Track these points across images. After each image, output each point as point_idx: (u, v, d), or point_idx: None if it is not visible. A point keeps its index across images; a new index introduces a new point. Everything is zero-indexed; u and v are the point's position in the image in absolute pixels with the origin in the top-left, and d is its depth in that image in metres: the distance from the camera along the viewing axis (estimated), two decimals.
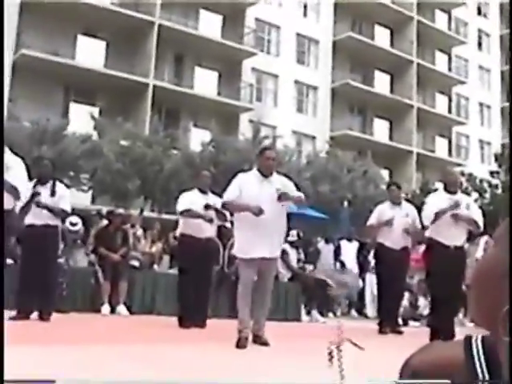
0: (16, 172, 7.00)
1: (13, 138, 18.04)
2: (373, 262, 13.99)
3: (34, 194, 8.36)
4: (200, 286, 9.23)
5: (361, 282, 15.86)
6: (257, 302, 7.07)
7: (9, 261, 9.38)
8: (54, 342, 6.35)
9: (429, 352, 1.55)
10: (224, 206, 7.28)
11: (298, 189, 7.35)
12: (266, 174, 7.11)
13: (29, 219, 8.62)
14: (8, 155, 7.07)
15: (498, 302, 0.92)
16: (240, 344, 6.65)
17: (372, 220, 10.28)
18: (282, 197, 6.87)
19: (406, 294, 13.27)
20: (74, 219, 12.10)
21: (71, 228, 11.89)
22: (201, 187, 9.32)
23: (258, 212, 6.78)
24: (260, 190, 6.97)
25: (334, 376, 1.93)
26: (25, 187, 7.32)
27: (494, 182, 33.54)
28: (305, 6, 41.40)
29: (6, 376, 1.89)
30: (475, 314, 1.02)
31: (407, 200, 11.01)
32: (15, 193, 6.98)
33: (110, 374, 4.35)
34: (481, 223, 8.84)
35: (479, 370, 1.33)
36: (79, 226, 12.25)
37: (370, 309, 15.08)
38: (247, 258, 6.97)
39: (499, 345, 0.96)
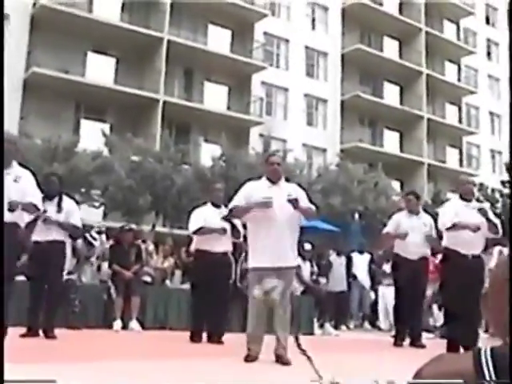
0: (23, 183, 7.00)
1: (24, 155, 18.12)
2: (387, 272, 13.95)
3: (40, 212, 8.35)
4: (217, 301, 9.12)
5: (373, 295, 15.81)
6: (276, 318, 6.80)
7: (21, 278, 9.40)
8: (64, 359, 6.35)
9: (439, 363, 1.54)
10: (231, 211, 7.13)
11: (310, 201, 7.23)
12: (273, 181, 6.99)
13: (35, 236, 8.60)
14: (17, 168, 7.09)
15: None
16: (248, 359, 6.58)
17: (388, 228, 10.08)
18: (292, 201, 6.68)
19: None
20: (94, 234, 12.21)
21: (93, 241, 11.98)
22: (214, 201, 9.25)
23: (267, 205, 6.65)
24: (270, 196, 6.74)
25: None
26: (39, 201, 7.33)
27: (506, 191, 33.46)
28: (313, 19, 41.52)
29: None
30: (490, 321, 1.01)
31: (425, 210, 10.85)
32: (33, 208, 7.00)
33: None
34: (500, 227, 8.66)
35: (488, 381, 1.32)
36: (98, 243, 12.33)
37: (383, 321, 15.03)
38: (259, 268, 6.74)
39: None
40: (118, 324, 10.66)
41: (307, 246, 13.43)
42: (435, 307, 13.85)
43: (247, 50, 36.86)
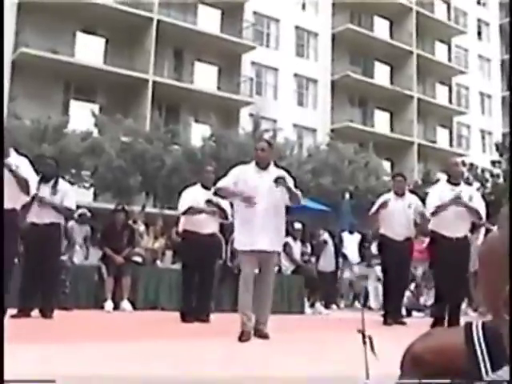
0: (24, 170, 6.99)
1: (14, 136, 18.02)
2: (374, 253, 14.02)
3: (35, 194, 8.34)
4: (204, 282, 9.26)
5: None
6: (258, 296, 7.05)
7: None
8: (57, 340, 6.36)
9: (430, 338, 1.55)
10: (217, 191, 7.26)
11: (296, 186, 7.29)
12: (261, 166, 7.09)
13: (31, 218, 8.62)
14: (14, 155, 7.07)
15: (502, 283, 0.92)
16: (243, 338, 6.64)
17: (374, 209, 10.26)
18: (280, 180, 6.82)
19: (410, 285, 13.28)
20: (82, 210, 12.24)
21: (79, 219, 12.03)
22: (204, 183, 9.28)
23: (250, 201, 6.81)
24: (257, 182, 6.95)
25: (337, 367, 1.93)
26: (34, 184, 7.32)
27: (496, 171, 33.57)
28: None
29: (7, 375, 1.89)
30: (480, 296, 1.02)
31: (411, 191, 10.95)
32: (25, 187, 6.97)
33: (115, 370, 4.35)
34: (483, 214, 8.89)
35: (480, 355, 1.33)
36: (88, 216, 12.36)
37: (373, 301, 15.08)
38: (247, 250, 6.95)
39: (502, 326, 0.95)
40: (109, 305, 10.67)
41: (297, 226, 13.45)
42: (424, 287, 13.92)
43: (237, 30, 36.71)
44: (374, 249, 14.24)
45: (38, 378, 1.15)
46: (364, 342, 1.86)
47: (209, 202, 8.90)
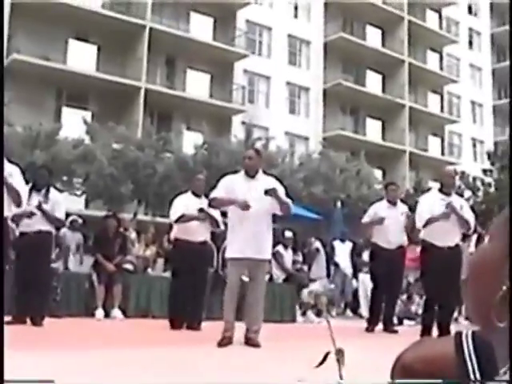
0: (16, 180, 6.99)
1: (5, 143, 17.99)
2: (366, 261, 14.03)
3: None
4: (196, 290, 9.25)
5: (355, 283, 15.87)
6: (249, 305, 7.10)
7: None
8: (48, 347, 6.34)
9: (420, 348, 1.55)
10: (211, 202, 7.32)
11: (288, 194, 7.32)
12: (250, 174, 7.14)
13: (22, 227, 8.63)
14: (6, 164, 7.07)
15: (491, 294, 0.92)
16: (222, 343, 6.72)
17: (366, 218, 10.28)
18: (270, 191, 6.87)
19: (402, 294, 13.29)
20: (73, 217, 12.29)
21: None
22: (195, 191, 9.32)
23: (244, 206, 6.85)
24: (246, 190, 7.00)
25: (329, 375, 1.93)
26: (25, 195, 7.33)
27: (487, 180, 33.64)
28: (295, 7, 41.45)
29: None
30: (469, 307, 1.02)
31: (401, 200, 11.01)
32: (17, 198, 6.96)
33: (106, 378, 4.34)
34: (472, 224, 8.94)
35: (469, 365, 1.33)
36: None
37: (365, 308, 15.08)
38: (235, 258, 7.01)
39: (494, 336, 0.95)
40: (99, 312, 10.65)
41: (288, 234, 13.46)
42: (415, 295, 13.93)
43: (229, 38, 36.77)
44: (365, 257, 14.26)
45: (37, 379, 1.15)
46: (337, 360, 1.85)
47: (201, 210, 8.91)
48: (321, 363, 1.99)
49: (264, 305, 7.30)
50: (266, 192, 6.84)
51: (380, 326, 10.19)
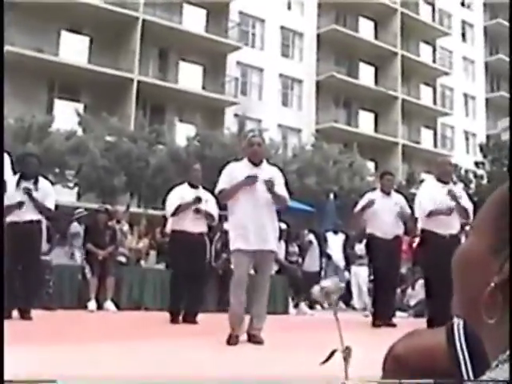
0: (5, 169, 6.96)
1: None
2: (358, 253, 14.04)
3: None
4: (194, 282, 9.19)
5: (347, 275, 15.89)
6: (256, 300, 6.82)
7: None
8: (39, 341, 6.33)
9: (412, 339, 1.56)
10: (219, 196, 7.00)
11: (286, 184, 7.17)
12: (255, 162, 6.85)
13: (11, 216, 8.52)
14: None
15: (479, 291, 0.93)
16: (231, 342, 6.44)
17: (359, 207, 10.17)
18: (267, 183, 6.62)
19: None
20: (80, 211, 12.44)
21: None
22: (191, 181, 9.26)
23: (251, 181, 6.60)
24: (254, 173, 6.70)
25: (322, 367, 1.94)
26: (10, 181, 7.28)
27: (479, 172, 33.74)
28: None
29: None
30: (457, 304, 1.02)
31: (396, 191, 10.89)
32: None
33: (101, 371, 4.34)
34: (471, 213, 8.83)
35: (461, 356, 1.34)
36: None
37: (357, 300, 15.11)
38: (242, 250, 6.64)
39: (484, 332, 0.96)
40: (92, 304, 10.66)
41: (282, 226, 13.45)
42: (409, 287, 13.96)
43: (222, 30, 36.67)
44: (358, 249, 14.25)
45: (39, 379, 1.15)
46: (344, 359, 1.86)
47: (197, 199, 8.86)
48: (326, 360, 1.99)
49: None
50: (266, 183, 6.60)
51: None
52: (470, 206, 8.86)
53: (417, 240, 10.49)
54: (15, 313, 8.47)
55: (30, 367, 4.14)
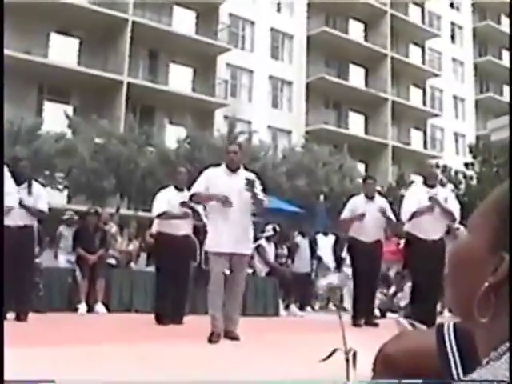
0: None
1: None
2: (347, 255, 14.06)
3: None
4: (178, 283, 9.29)
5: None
6: (228, 298, 7.12)
7: None
8: (29, 343, 6.31)
9: (402, 340, 1.56)
10: (191, 197, 7.35)
11: (264, 190, 7.39)
12: (232, 169, 7.18)
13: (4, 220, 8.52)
14: None
15: (473, 289, 0.93)
16: (213, 339, 6.71)
17: (345, 213, 10.29)
18: (249, 183, 6.89)
19: (384, 287, 13.34)
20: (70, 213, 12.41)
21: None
22: (177, 184, 9.35)
23: (225, 201, 6.88)
24: (227, 184, 7.03)
25: (311, 369, 1.93)
26: (9, 185, 7.28)
27: (469, 173, 33.82)
28: (278, 1, 41.38)
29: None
30: (450, 301, 1.02)
31: (379, 193, 11.05)
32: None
33: (92, 374, 4.33)
34: (457, 216, 8.94)
35: (451, 357, 1.34)
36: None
37: (348, 302, 15.09)
38: (217, 252, 7.04)
39: (476, 329, 0.96)
40: (82, 307, 10.62)
41: (269, 228, 13.44)
42: (398, 288, 13.97)
43: (212, 32, 36.67)
44: (344, 252, 14.27)
45: (38, 379, 1.14)
46: (347, 360, 1.86)
47: (183, 203, 8.91)
48: (327, 358, 1.99)
49: (247, 298, 7.33)
50: (247, 183, 6.86)
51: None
52: (456, 208, 8.95)
53: (403, 241, 10.64)
54: (9, 315, 8.46)
55: (26, 368, 4.12)
